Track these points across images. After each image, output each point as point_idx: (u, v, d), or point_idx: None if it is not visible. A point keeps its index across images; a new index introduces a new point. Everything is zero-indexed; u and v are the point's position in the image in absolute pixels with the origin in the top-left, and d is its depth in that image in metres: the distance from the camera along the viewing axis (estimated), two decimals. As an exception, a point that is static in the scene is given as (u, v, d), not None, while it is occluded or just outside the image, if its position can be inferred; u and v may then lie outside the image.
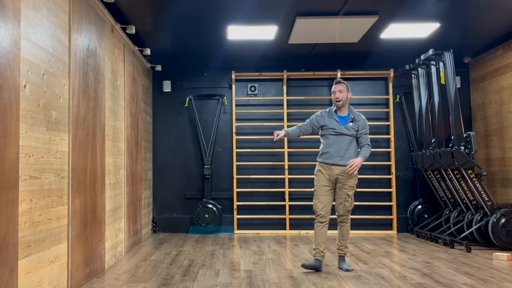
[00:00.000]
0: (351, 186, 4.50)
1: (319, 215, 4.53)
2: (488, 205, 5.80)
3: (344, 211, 4.55)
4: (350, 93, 4.65)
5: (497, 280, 4.11)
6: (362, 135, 4.54)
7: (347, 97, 4.59)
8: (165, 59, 7.21)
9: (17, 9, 2.88)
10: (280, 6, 5.09)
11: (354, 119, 4.56)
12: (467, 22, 5.78)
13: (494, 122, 6.91)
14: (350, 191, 4.50)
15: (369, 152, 4.53)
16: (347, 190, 4.49)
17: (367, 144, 4.53)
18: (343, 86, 4.59)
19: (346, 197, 4.50)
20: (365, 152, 4.48)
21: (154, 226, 7.46)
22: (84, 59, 4.13)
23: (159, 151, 7.63)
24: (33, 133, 3.09)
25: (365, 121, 4.59)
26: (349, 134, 4.51)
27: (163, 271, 4.56)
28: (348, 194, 4.50)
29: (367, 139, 4.55)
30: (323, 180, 4.54)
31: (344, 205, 4.53)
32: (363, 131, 4.54)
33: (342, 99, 4.56)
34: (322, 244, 4.53)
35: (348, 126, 4.53)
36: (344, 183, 4.49)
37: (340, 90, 4.56)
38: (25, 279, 2.97)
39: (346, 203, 4.52)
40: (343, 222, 4.61)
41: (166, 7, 5.07)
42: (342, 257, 4.65)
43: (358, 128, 4.53)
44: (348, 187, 4.49)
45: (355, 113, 4.63)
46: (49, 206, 3.36)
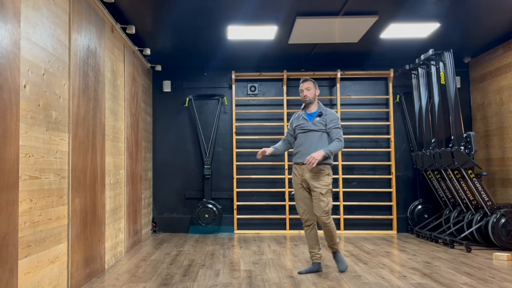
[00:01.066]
0: (323, 185, 4.29)
1: (303, 219, 4.45)
2: (488, 205, 5.80)
3: (321, 213, 4.27)
4: (318, 90, 4.57)
5: (497, 280, 4.11)
6: (331, 130, 4.37)
7: (315, 94, 4.50)
8: (165, 59, 7.21)
9: (17, 9, 2.88)
10: (280, 6, 5.09)
11: (322, 114, 4.44)
12: (467, 22, 5.78)
13: (494, 122, 6.91)
14: (323, 190, 4.28)
15: (338, 147, 4.32)
16: (319, 190, 4.28)
17: (337, 138, 4.34)
18: (310, 84, 4.49)
19: (320, 196, 4.27)
20: (332, 147, 4.29)
21: (154, 226, 7.46)
22: (84, 59, 4.13)
23: (159, 151, 7.63)
24: (33, 133, 3.09)
25: (333, 115, 4.44)
26: (317, 130, 4.38)
27: (163, 271, 4.56)
28: (321, 193, 4.27)
29: (337, 133, 4.36)
30: (298, 183, 4.43)
31: (319, 206, 4.27)
32: (332, 125, 4.38)
33: (309, 97, 4.47)
34: (315, 247, 4.46)
35: (315, 121, 4.41)
36: (315, 182, 4.30)
37: (308, 88, 4.48)
38: (25, 279, 2.97)
39: (321, 203, 4.26)
40: (325, 225, 4.31)
41: (166, 7, 5.07)
42: (335, 253, 4.52)
43: (326, 122, 4.39)
44: (320, 187, 4.28)
45: (324, 108, 4.52)
46: (49, 206, 3.36)
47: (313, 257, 4.47)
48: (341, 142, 4.36)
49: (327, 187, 4.31)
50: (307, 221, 4.43)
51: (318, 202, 4.29)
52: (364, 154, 7.57)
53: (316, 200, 4.31)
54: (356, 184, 7.53)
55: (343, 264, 4.50)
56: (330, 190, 4.34)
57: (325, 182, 4.31)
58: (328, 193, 4.31)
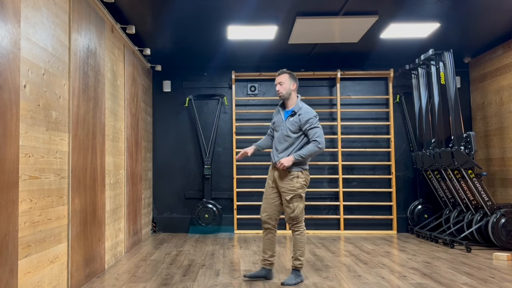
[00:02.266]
0: (289, 190, 4.00)
1: (261, 220, 4.18)
2: (488, 205, 5.80)
3: (287, 218, 4.06)
4: (295, 84, 4.13)
5: (497, 280, 4.11)
6: (307, 131, 4.00)
7: (290, 88, 4.09)
8: (165, 59, 7.21)
9: (17, 9, 2.88)
10: (280, 6, 5.09)
11: (296, 113, 4.04)
12: (467, 22, 5.78)
13: (494, 122, 6.91)
14: (288, 195, 3.99)
15: (312, 151, 3.95)
16: (285, 194, 4.01)
17: (314, 140, 3.97)
18: (283, 77, 4.10)
19: (286, 202, 4.02)
20: (304, 151, 3.95)
21: (154, 226, 7.46)
22: (84, 59, 4.13)
23: (159, 151, 7.63)
24: (33, 133, 3.09)
25: (308, 115, 4.01)
26: (290, 130, 4.02)
27: (163, 271, 4.56)
28: (286, 199, 4.01)
29: (313, 134, 3.97)
30: (268, 181, 4.18)
31: (286, 211, 4.04)
32: (307, 126, 3.98)
33: (283, 92, 4.09)
34: (267, 252, 4.16)
35: (289, 121, 4.05)
36: (282, 186, 4.03)
37: (280, 82, 4.09)
38: (25, 279, 2.97)
39: (287, 209, 4.02)
40: (293, 231, 4.09)
41: (166, 7, 5.07)
42: (292, 269, 4.10)
43: (300, 123, 4.00)
44: (286, 191, 4.01)
45: (299, 106, 4.09)
46: (49, 206, 3.36)
47: (262, 262, 4.20)
48: (318, 143, 3.96)
49: (293, 192, 4.00)
50: (264, 223, 4.16)
51: (285, 208, 4.07)
52: (364, 154, 7.57)
53: (284, 205, 4.08)
54: (356, 184, 7.53)
55: (290, 279, 4.00)
56: (299, 196, 4.03)
57: (292, 186, 4.01)
58: (295, 199, 4.01)
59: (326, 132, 7.62)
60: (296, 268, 4.09)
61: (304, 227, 4.10)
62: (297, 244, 4.06)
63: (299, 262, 4.07)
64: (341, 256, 5.34)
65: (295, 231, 4.08)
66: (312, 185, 7.53)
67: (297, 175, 4.02)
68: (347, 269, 4.60)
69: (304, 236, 4.07)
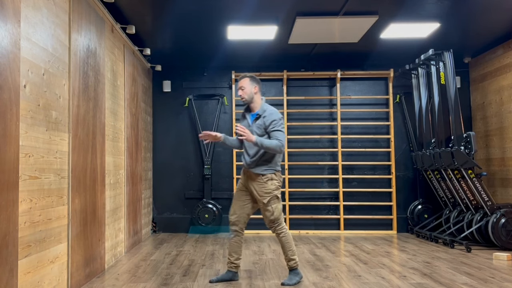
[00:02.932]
0: (265, 193, 3.98)
1: (230, 221, 4.16)
2: (488, 205, 5.80)
3: (268, 222, 4.04)
4: (257, 86, 4.08)
5: (497, 280, 4.11)
6: (270, 132, 3.95)
7: (252, 92, 4.04)
8: (165, 59, 7.21)
9: (17, 9, 2.88)
10: (280, 6, 5.09)
11: (261, 116, 4.02)
12: (467, 22, 5.78)
13: (494, 122, 6.91)
14: (265, 199, 3.98)
15: (272, 145, 3.87)
16: (262, 198, 3.98)
17: (276, 138, 3.90)
18: (244, 82, 4.06)
19: (263, 206, 4.00)
20: (267, 141, 3.89)
21: (154, 226, 7.46)
22: (84, 59, 4.13)
23: (159, 151, 7.63)
24: (33, 133, 3.09)
25: (272, 116, 3.98)
26: (257, 133, 3.98)
27: (163, 271, 4.56)
28: (264, 202, 3.98)
29: (276, 136, 3.92)
30: (240, 184, 4.17)
31: (265, 215, 4.03)
32: (271, 127, 3.94)
33: (245, 96, 4.05)
34: (233, 254, 4.12)
35: (255, 125, 4.03)
36: (257, 189, 4.01)
37: (242, 87, 4.05)
38: (25, 279, 2.97)
39: (267, 212, 4.00)
40: (277, 234, 4.06)
41: (166, 7, 5.07)
42: (290, 270, 4.10)
43: (264, 125, 3.97)
44: (262, 194, 3.99)
45: (264, 108, 4.05)
46: (49, 206, 3.36)
47: (228, 265, 4.17)
48: (278, 142, 3.89)
49: (269, 194, 3.98)
50: (233, 225, 4.15)
51: (264, 212, 4.05)
52: (364, 154, 7.57)
53: (261, 210, 4.06)
54: (356, 184, 7.53)
55: (290, 279, 4.03)
56: (275, 197, 4.00)
57: (267, 188, 3.98)
58: (272, 201, 3.99)
59: (326, 132, 7.63)
60: (292, 268, 4.09)
61: (285, 226, 4.09)
62: (286, 246, 4.05)
63: (293, 262, 4.07)
64: (341, 256, 5.34)
65: (279, 233, 4.05)
66: (312, 185, 7.56)
67: (270, 177, 4.01)
68: (347, 269, 4.60)
69: (289, 236, 4.07)
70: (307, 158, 7.57)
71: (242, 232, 4.16)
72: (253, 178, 4.03)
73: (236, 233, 4.15)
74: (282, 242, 4.06)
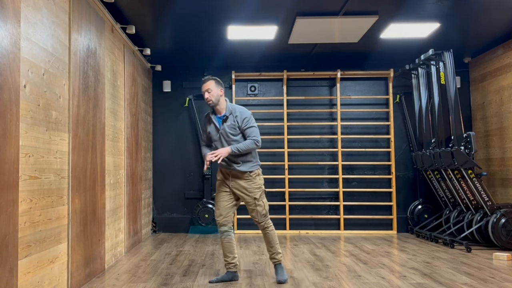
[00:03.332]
0: (256, 188, 4.05)
1: (218, 223, 4.14)
2: (488, 205, 5.80)
3: (260, 217, 4.09)
4: (222, 89, 4.11)
5: (497, 280, 4.11)
6: (245, 130, 4.01)
7: (218, 94, 4.06)
8: (165, 59, 7.21)
9: (17, 9, 2.88)
10: (280, 6, 5.09)
11: (231, 115, 4.04)
12: (467, 22, 5.78)
13: (494, 122, 6.91)
14: (256, 194, 4.04)
15: (249, 146, 3.96)
16: (253, 194, 4.04)
17: (252, 137, 3.99)
18: (210, 84, 4.05)
19: (255, 201, 4.05)
20: (242, 144, 3.95)
21: (154, 226, 7.46)
22: (84, 59, 4.13)
23: (159, 151, 7.63)
24: (33, 133, 3.09)
25: (244, 114, 4.03)
26: (229, 134, 4.03)
27: (163, 271, 4.56)
28: (255, 198, 4.04)
29: (251, 132, 4.00)
30: (222, 185, 4.15)
31: (257, 211, 4.07)
32: (244, 125, 4.00)
33: (213, 99, 4.05)
34: (228, 255, 4.12)
35: (225, 125, 4.04)
36: (246, 187, 4.05)
37: (208, 90, 4.03)
38: (25, 279, 2.97)
39: (258, 207, 4.06)
40: (265, 228, 4.12)
41: (166, 7, 5.07)
42: (277, 265, 4.15)
43: (237, 124, 4.02)
44: (253, 190, 4.04)
45: (232, 108, 4.08)
46: (49, 206, 3.36)
47: (226, 266, 4.16)
48: (256, 141, 4.00)
49: (259, 189, 4.07)
50: (221, 226, 4.13)
51: (255, 208, 4.07)
52: (364, 154, 7.57)
53: (252, 206, 4.08)
54: (356, 184, 7.53)
55: (282, 275, 4.09)
56: (263, 191, 4.12)
57: (257, 184, 4.07)
58: (262, 195, 4.10)
59: (326, 132, 7.63)
60: (279, 262, 4.15)
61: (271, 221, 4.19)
62: (273, 239, 4.14)
63: (280, 255, 4.17)
64: (341, 256, 5.34)
65: (268, 227, 4.13)
66: (312, 185, 7.56)
67: (257, 173, 4.11)
68: (347, 269, 4.60)
69: (274, 230, 4.18)
70: (307, 158, 7.57)
71: (232, 230, 4.18)
72: (240, 176, 4.06)
73: (227, 233, 4.13)
74: (271, 236, 4.13)
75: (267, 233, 4.14)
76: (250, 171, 4.06)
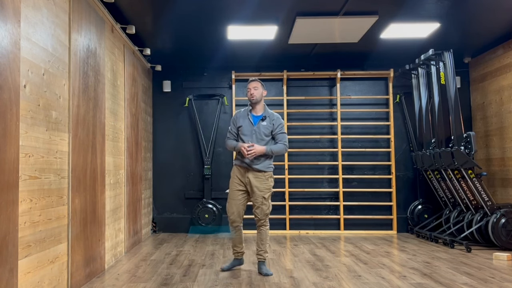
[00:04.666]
0: (266, 188, 4.38)
1: (231, 220, 4.49)
2: (488, 205, 5.80)
3: (262, 215, 4.42)
4: (265, 91, 4.53)
5: (497, 280, 4.11)
6: (277, 134, 4.42)
7: (261, 94, 4.46)
8: (165, 59, 7.21)
9: (17, 9, 2.88)
10: (280, 6, 5.09)
11: (268, 118, 4.43)
12: (467, 22, 5.78)
13: (494, 122, 6.91)
14: (266, 194, 4.38)
15: (281, 149, 4.39)
16: (262, 193, 4.37)
17: (283, 143, 4.41)
18: (258, 84, 4.47)
19: (263, 200, 4.37)
20: (276, 147, 4.37)
21: (154, 226, 7.46)
22: (84, 59, 4.13)
23: (159, 151, 7.63)
24: (33, 133, 3.09)
25: (280, 120, 4.46)
26: (263, 133, 4.39)
27: (163, 271, 4.56)
28: (264, 197, 4.37)
29: (282, 137, 4.42)
30: (236, 183, 4.45)
31: (262, 209, 4.40)
32: (278, 129, 4.41)
33: (256, 96, 4.42)
34: (238, 245, 4.60)
35: (261, 125, 4.41)
36: (258, 186, 4.37)
37: (255, 87, 4.44)
38: (25, 279, 2.97)
39: (263, 206, 4.39)
40: (262, 226, 4.47)
41: (166, 7, 5.07)
42: (261, 262, 4.47)
43: (273, 127, 4.41)
44: (263, 189, 4.37)
45: (269, 112, 4.50)
46: (49, 206, 3.36)
47: (235, 254, 4.63)
48: (285, 146, 4.42)
49: (269, 190, 4.41)
50: (234, 222, 4.50)
51: (261, 205, 4.39)
52: (364, 154, 7.57)
53: (258, 203, 4.39)
54: (356, 184, 7.53)
55: (267, 270, 4.42)
56: (272, 193, 4.46)
57: (268, 185, 4.40)
58: (269, 196, 4.42)
59: (326, 132, 7.63)
60: (264, 260, 4.48)
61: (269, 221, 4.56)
62: (266, 238, 4.49)
63: (267, 255, 4.51)
64: (341, 256, 5.34)
65: (264, 225, 4.48)
66: (312, 185, 7.56)
67: (270, 175, 4.45)
68: (347, 269, 4.61)
69: (269, 230, 4.55)
70: (307, 158, 7.57)
71: (241, 224, 4.58)
72: (256, 174, 4.39)
73: (238, 228, 4.54)
74: (264, 234, 4.48)
75: (262, 230, 4.48)
76: (265, 171, 4.39)
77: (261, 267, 4.44)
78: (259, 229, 4.49)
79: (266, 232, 4.49)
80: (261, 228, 4.47)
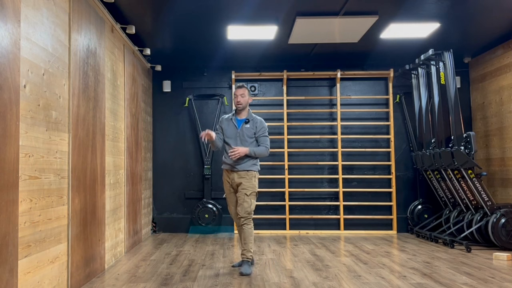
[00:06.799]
0: (249, 187, 4.51)
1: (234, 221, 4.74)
2: (488, 205, 5.80)
3: (243, 213, 4.50)
4: (251, 98, 4.72)
5: (497, 280, 4.11)
6: (260, 137, 4.59)
7: (247, 101, 4.64)
8: (165, 59, 7.21)
9: (17, 9, 2.88)
10: (280, 6, 5.09)
11: (252, 121, 4.62)
12: (467, 22, 5.78)
13: (494, 122, 6.91)
14: (248, 191, 4.50)
15: (262, 152, 4.55)
16: (245, 190, 4.50)
17: (265, 146, 4.58)
18: (245, 91, 4.64)
19: (245, 197, 4.50)
20: (258, 149, 4.54)
21: (154, 226, 7.46)
22: (84, 59, 4.13)
23: (159, 151, 7.63)
24: (33, 133, 3.09)
25: (263, 123, 4.63)
26: (246, 135, 4.57)
27: (163, 271, 4.56)
28: (246, 194, 4.50)
29: (264, 140, 4.60)
30: (228, 187, 4.66)
31: (243, 206, 4.50)
32: (261, 132, 4.59)
33: (243, 104, 4.61)
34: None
35: (244, 127, 4.59)
36: (244, 182, 4.52)
37: (242, 94, 4.61)
38: (25, 279, 2.97)
39: (245, 203, 4.50)
40: (244, 224, 4.53)
41: (166, 7, 5.07)
42: (244, 261, 4.50)
43: (256, 129, 4.58)
44: (246, 187, 4.51)
45: (253, 116, 4.68)
46: (49, 206, 3.36)
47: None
48: (267, 149, 4.58)
49: (253, 189, 4.53)
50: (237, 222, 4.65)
51: (242, 203, 4.51)
52: (364, 154, 7.57)
53: (240, 200, 4.52)
54: (356, 184, 7.53)
55: (246, 269, 4.40)
56: (255, 193, 4.57)
57: (252, 184, 4.53)
58: (252, 195, 4.53)
59: (326, 132, 7.63)
60: (247, 260, 4.49)
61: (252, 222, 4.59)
62: (250, 237, 4.53)
63: (251, 254, 4.53)
64: (341, 256, 5.34)
65: (247, 224, 4.53)
66: (312, 185, 7.56)
67: (254, 175, 4.58)
68: (347, 269, 4.61)
69: (252, 230, 4.56)
70: (307, 158, 7.56)
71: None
72: (240, 174, 4.54)
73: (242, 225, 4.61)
74: (248, 233, 4.52)
75: (244, 229, 4.53)
76: (247, 170, 4.53)
77: (242, 265, 4.49)
78: (241, 228, 4.55)
79: (249, 231, 4.53)
80: (243, 227, 4.53)
